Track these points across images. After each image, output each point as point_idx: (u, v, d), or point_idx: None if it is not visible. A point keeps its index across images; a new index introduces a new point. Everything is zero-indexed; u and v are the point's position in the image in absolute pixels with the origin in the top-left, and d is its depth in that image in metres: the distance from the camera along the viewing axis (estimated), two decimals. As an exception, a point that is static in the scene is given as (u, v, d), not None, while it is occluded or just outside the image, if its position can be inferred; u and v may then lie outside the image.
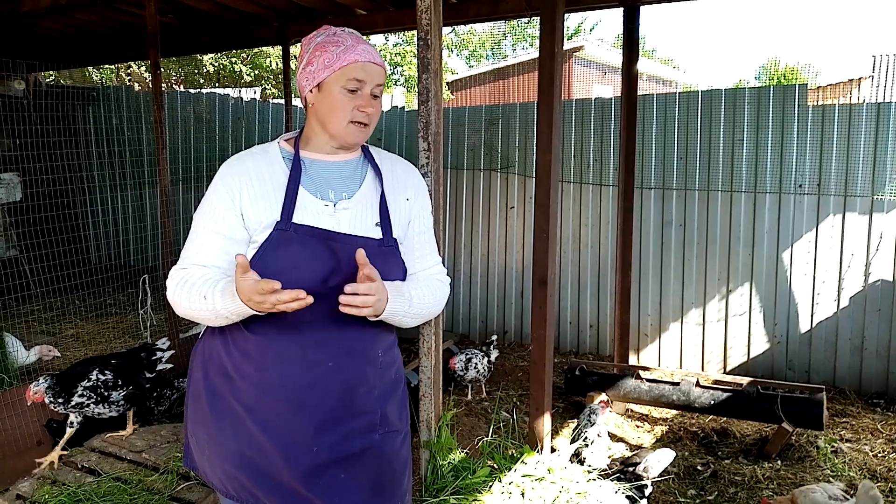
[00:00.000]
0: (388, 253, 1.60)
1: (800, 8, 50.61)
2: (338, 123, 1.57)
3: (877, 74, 9.79)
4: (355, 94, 1.56)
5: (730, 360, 4.89)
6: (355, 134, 1.59)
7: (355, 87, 1.56)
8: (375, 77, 1.58)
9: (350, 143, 1.61)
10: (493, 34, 19.59)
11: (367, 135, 1.62)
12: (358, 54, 1.55)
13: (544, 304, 3.01)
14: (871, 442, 3.75)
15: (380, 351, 1.64)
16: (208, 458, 1.61)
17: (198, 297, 1.47)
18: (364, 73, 1.56)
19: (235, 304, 1.42)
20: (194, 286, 1.48)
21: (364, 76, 1.56)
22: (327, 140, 1.61)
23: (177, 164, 6.29)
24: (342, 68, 1.54)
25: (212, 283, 1.47)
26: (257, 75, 12.91)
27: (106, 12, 4.87)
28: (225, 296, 1.43)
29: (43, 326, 5.18)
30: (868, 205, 4.42)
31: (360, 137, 1.61)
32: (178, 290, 1.51)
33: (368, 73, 1.56)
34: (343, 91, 1.55)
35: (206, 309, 1.47)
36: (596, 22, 22.39)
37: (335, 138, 1.60)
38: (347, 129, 1.58)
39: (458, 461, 2.65)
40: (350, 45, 1.56)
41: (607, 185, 5.21)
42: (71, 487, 2.77)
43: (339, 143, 1.61)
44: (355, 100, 1.56)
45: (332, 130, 1.59)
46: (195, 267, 1.53)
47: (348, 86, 1.55)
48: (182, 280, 1.51)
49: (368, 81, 1.57)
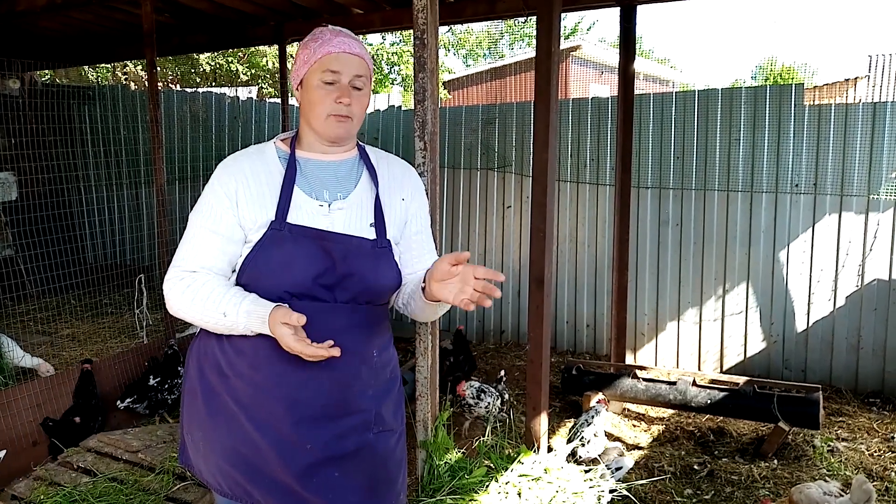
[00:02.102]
0: (382, 254, 1.59)
1: (796, 7, 50.67)
2: (317, 117, 1.56)
3: (873, 74, 9.79)
4: (332, 87, 1.54)
5: (726, 359, 4.90)
6: (335, 127, 1.56)
7: (331, 80, 1.54)
8: (352, 68, 1.55)
9: (332, 137, 1.58)
10: (490, 33, 19.59)
11: (349, 128, 1.58)
12: (332, 46, 1.54)
13: (541, 304, 3.01)
14: (867, 441, 3.75)
15: (374, 351, 1.64)
16: (203, 455, 1.61)
17: (215, 312, 1.47)
18: (338, 64, 1.54)
19: (263, 328, 1.45)
20: (209, 299, 1.48)
21: (338, 67, 1.54)
22: (315, 137, 1.60)
23: (173, 164, 6.28)
24: (317, 61, 1.54)
25: (230, 300, 1.47)
26: (254, 74, 12.89)
27: (102, 11, 4.85)
28: (251, 318, 1.45)
29: (39, 326, 5.16)
30: (864, 204, 4.43)
31: (341, 131, 1.57)
32: (182, 295, 1.50)
33: (343, 64, 1.54)
34: (320, 84, 1.54)
35: (222, 324, 1.48)
36: (593, 21, 22.41)
37: (319, 134, 1.59)
38: (327, 123, 1.56)
39: (455, 461, 2.64)
40: (327, 38, 1.55)
41: (604, 185, 5.21)
42: (67, 488, 2.76)
43: (324, 138, 1.59)
44: (332, 92, 1.54)
45: (314, 125, 1.57)
46: (201, 271, 1.52)
47: (324, 78, 1.54)
48: (187, 286, 1.50)
49: (344, 72, 1.54)
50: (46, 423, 3.33)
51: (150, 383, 3.74)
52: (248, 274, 1.53)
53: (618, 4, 4.15)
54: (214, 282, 1.51)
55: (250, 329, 1.46)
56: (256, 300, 1.47)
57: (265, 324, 1.43)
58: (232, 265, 1.56)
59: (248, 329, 1.47)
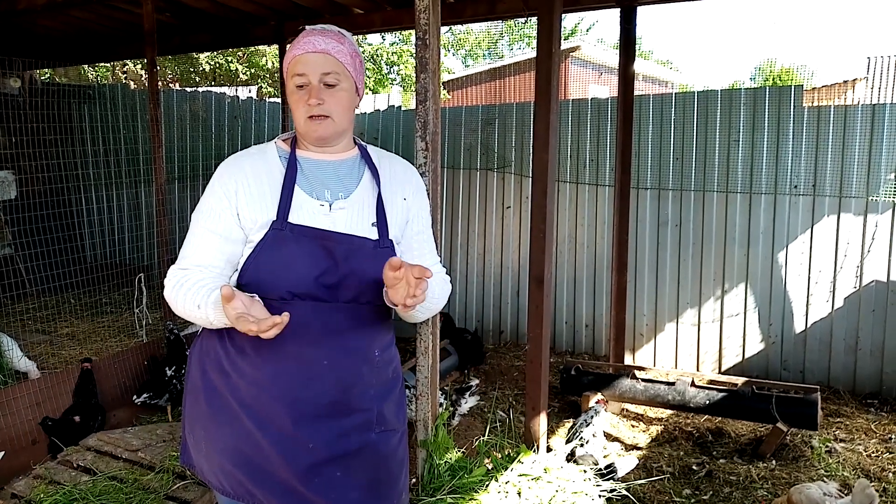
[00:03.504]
0: (384, 254, 1.59)
1: (794, 9, 50.76)
2: (298, 121, 1.57)
3: (871, 76, 9.80)
4: (304, 89, 1.54)
5: (725, 360, 4.91)
6: (314, 128, 1.55)
7: (301, 83, 1.54)
8: (318, 66, 1.53)
9: (313, 138, 1.57)
10: (489, 34, 19.60)
11: (329, 128, 1.56)
12: (297, 48, 1.54)
13: (541, 304, 3.02)
14: (864, 442, 3.77)
15: (376, 350, 1.64)
16: (205, 455, 1.62)
17: (192, 305, 1.47)
18: (302, 66, 1.53)
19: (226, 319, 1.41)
20: (189, 291, 1.48)
21: (303, 68, 1.53)
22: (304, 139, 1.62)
23: (173, 163, 6.28)
24: (287, 67, 1.56)
25: (206, 293, 1.47)
26: (253, 74, 12.89)
27: (102, 10, 4.86)
28: (217, 310, 1.43)
29: (38, 325, 5.16)
30: (863, 206, 4.44)
31: (321, 131, 1.56)
32: (175, 291, 1.51)
33: (307, 65, 1.53)
34: (293, 89, 1.55)
35: (200, 317, 1.48)
36: (593, 22, 22.42)
37: (303, 136, 1.59)
38: (306, 126, 1.56)
39: (455, 460, 2.65)
40: (298, 41, 1.55)
41: (603, 185, 5.22)
42: (66, 486, 2.76)
43: (308, 140, 1.59)
44: (304, 94, 1.54)
45: (299, 129, 1.59)
46: (194, 269, 1.53)
47: (296, 81, 1.54)
48: (178, 283, 1.51)
49: (310, 72, 1.53)
50: (46, 423, 3.33)
51: (168, 375, 3.74)
52: (249, 274, 1.54)
53: (618, 5, 4.16)
54: (203, 279, 1.50)
55: (220, 322, 1.44)
56: None
57: None
58: (232, 265, 1.56)
59: (220, 321, 1.44)
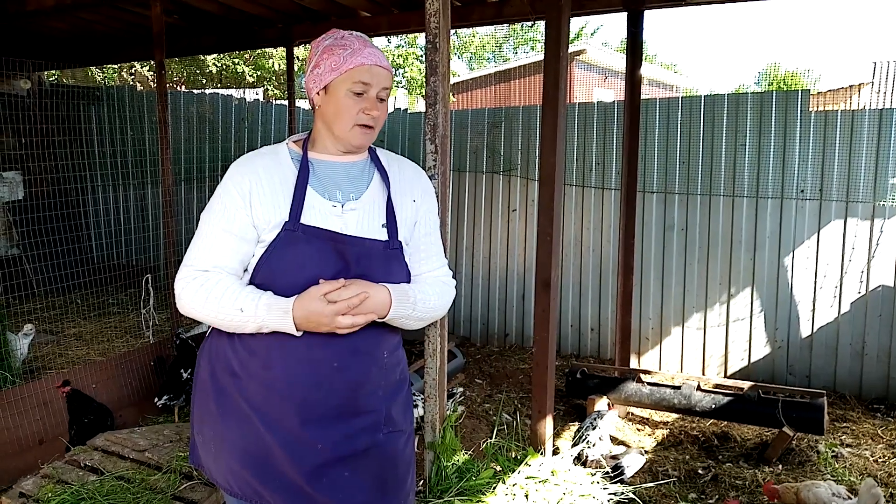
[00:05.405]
0: (393, 255, 1.61)
1: (800, 13, 50.69)
2: (343, 126, 1.58)
3: (877, 81, 9.78)
4: (361, 98, 1.57)
5: (730, 364, 4.90)
6: (360, 137, 1.60)
7: (361, 91, 1.56)
8: (381, 80, 1.59)
9: (355, 145, 1.62)
10: (494, 37, 19.63)
11: (371, 138, 1.64)
12: (364, 57, 1.56)
13: (547, 307, 3.02)
14: (871, 447, 3.75)
15: (385, 352, 1.65)
16: (214, 455, 1.62)
17: (230, 308, 1.48)
18: (370, 77, 1.57)
19: (285, 320, 1.46)
20: (224, 296, 1.49)
21: (370, 79, 1.57)
22: (333, 142, 1.62)
23: (180, 165, 6.30)
24: (348, 71, 1.55)
25: (246, 296, 1.48)
26: (260, 76, 12.94)
27: (111, 12, 4.88)
28: (272, 311, 1.47)
29: (45, 325, 5.18)
30: (869, 210, 4.43)
31: (364, 140, 1.62)
32: (195, 294, 1.51)
33: (374, 77, 1.57)
34: (349, 94, 1.56)
35: (238, 320, 1.49)
36: (598, 26, 22.40)
37: (340, 141, 1.61)
38: (352, 132, 1.59)
39: (462, 463, 2.65)
40: (357, 48, 1.57)
41: (609, 189, 5.22)
42: (74, 486, 2.77)
43: (345, 146, 1.62)
44: (360, 103, 1.57)
45: (338, 133, 1.60)
46: (215, 270, 1.53)
47: (354, 89, 1.56)
48: (200, 286, 1.51)
49: (374, 84, 1.57)
50: None
51: (184, 377, 3.77)
52: (261, 274, 1.54)
53: (625, 9, 4.16)
54: (228, 280, 1.52)
55: (267, 324, 1.47)
56: (273, 295, 1.49)
57: (288, 314, 1.45)
58: (244, 265, 1.57)
59: (265, 324, 1.47)
